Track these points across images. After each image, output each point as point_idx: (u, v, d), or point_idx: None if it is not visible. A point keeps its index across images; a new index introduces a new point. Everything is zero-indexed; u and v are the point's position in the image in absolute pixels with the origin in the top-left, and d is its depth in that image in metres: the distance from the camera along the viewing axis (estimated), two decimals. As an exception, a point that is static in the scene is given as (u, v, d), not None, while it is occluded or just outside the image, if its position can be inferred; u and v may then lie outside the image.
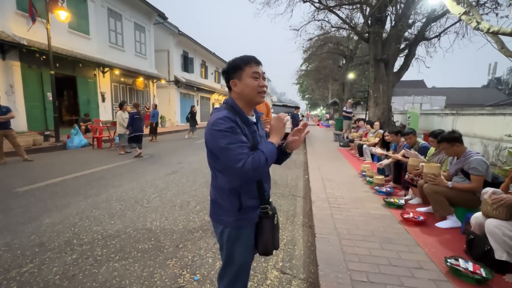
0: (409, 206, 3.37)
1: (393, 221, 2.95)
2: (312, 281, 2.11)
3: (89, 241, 2.53)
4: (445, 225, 2.75)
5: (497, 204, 1.94)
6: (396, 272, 1.98)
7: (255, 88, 1.20)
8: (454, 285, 1.82)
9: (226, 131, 1.10)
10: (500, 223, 1.94)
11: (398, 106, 17.57)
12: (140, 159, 6.70)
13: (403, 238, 2.55)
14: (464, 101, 24.92)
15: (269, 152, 1.13)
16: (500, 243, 1.91)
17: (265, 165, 1.10)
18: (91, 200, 3.64)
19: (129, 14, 14.00)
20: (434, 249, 2.32)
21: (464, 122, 7.16)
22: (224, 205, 1.24)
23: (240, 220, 1.23)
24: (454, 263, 1.96)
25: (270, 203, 1.30)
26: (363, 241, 2.47)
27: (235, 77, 1.21)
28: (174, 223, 3.02)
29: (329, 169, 5.60)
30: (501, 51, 4.10)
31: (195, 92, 21.50)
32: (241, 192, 1.21)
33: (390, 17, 10.02)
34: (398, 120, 11.37)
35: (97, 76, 12.07)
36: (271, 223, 1.27)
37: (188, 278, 2.06)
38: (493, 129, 5.91)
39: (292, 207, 3.73)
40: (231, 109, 1.21)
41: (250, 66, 1.20)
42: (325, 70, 21.75)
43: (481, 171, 2.57)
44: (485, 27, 3.72)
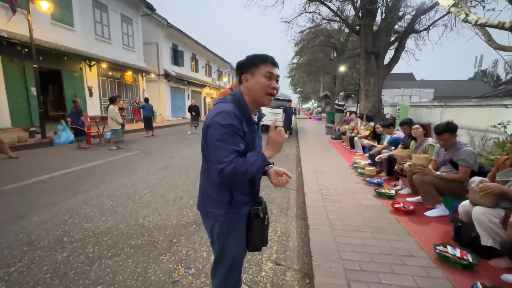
0: (400, 196, 3.44)
1: (384, 211, 3.01)
2: (306, 272, 2.14)
3: (80, 239, 2.49)
4: (434, 214, 2.83)
5: (484, 192, 2.00)
6: (388, 260, 2.03)
7: (265, 87, 1.17)
8: (443, 271, 1.88)
9: (225, 128, 1.09)
10: (486, 210, 2.01)
11: (388, 98, 17.80)
12: (132, 154, 6.59)
13: (394, 227, 2.61)
14: (451, 93, 25.51)
15: (251, 165, 1.10)
16: (486, 230, 1.97)
17: (243, 175, 1.09)
18: (81, 197, 3.56)
19: (115, 5, 13.53)
20: (424, 237, 2.39)
21: (451, 114, 7.33)
22: (215, 197, 1.22)
23: (231, 214, 1.23)
24: (443, 250, 2.02)
25: (262, 203, 1.30)
26: (355, 231, 2.52)
27: (249, 72, 1.19)
28: (167, 218, 2.99)
29: (322, 161, 5.65)
30: (488, 43, 4.17)
31: (186, 86, 21.15)
32: (233, 186, 1.20)
33: (380, 9, 10.04)
34: (389, 112, 11.54)
35: (83, 69, 11.69)
36: (261, 223, 1.28)
37: (183, 272, 2.05)
38: (479, 120, 6.07)
39: (285, 200, 3.76)
40: (237, 103, 1.19)
41: (266, 65, 1.17)
42: (317, 63, 21.75)
43: (470, 162, 2.64)
44: (474, 19, 3.78)
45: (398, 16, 10.05)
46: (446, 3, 4.10)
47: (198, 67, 23.99)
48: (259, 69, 1.17)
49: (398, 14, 9.93)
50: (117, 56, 13.39)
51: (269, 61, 1.19)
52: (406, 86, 25.04)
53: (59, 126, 8.44)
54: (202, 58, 24.87)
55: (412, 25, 9.81)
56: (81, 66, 11.59)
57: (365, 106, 10.08)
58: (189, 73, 21.56)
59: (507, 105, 5.31)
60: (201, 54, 24.28)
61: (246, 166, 1.08)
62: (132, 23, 15.06)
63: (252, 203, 1.27)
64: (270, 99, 1.20)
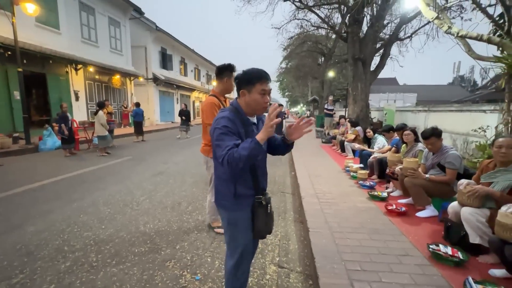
0: (391, 198, 3.61)
1: (378, 212, 3.16)
2: (308, 273, 2.22)
3: (81, 248, 2.46)
4: (424, 214, 3.00)
5: (470, 194, 2.17)
6: (386, 260, 2.15)
7: (260, 104, 1.39)
8: (437, 268, 2.02)
9: (221, 129, 1.31)
10: (474, 210, 2.17)
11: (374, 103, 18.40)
12: (124, 160, 6.48)
13: (388, 228, 2.74)
14: (432, 98, 26.64)
15: (242, 149, 1.24)
16: (474, 229, 2.13)
17: (240, 161, 1.23)
18: (76, 204, 3.50)
19: (103, 8, 13.31)
20: (417, 236, 2.54)
21: (435, 118, 7.70)
22: (222, 191, 1.45)
23: (236, 205, 1.43)
24: (436, 249, 2.16)
25: (265, 194, 1.48)
26: (353, 233, 2.63)
27: (246, 88, 1.38)
28: (168, 224, 3.00)
29: (314, 165, 5.79)
30: (468, 53, 4.46)
31: (174, 90, 20.98)
32: (237, 181, 1.40)
33: (366, 18, 10.46)
34: (375, 116, 11.93)
35: (69, 73, 11.39)
36: (264, 211, 1.44)
37: (190, 278, 2.08)
38: (460, 125, 6.43)
39: (282, 204, 3.84)
40: (234, 110, 1.41)
41: (261, 83, 1.36)
42: (305, 68, 22.20)
43: (456, 165, 2.83)
44: (455, 31, 4.05)
45: (383, 25, 10.51)
46: (430, 15, 4.38)
47: (187, 71, 23.87)
48: (254, 87, 1.36)
49: (383, 23, 10.38)
50: (105, 59, 13.14)
51: (263, 78, 1.36)
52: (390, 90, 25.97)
53: (45, 131, 8.18)
54: (191, 62, 24.77)
55: (396, 33, 10.27)
56: (67, 69, 11.29)
57: (353, 110, 10.40)
58: (178, 77, 21.41)
59: (485, 110, 5.67)
60: (190, 58, 24.19)
61: (238, 152, 1.24)
62: (120, 26, 14.85)
63: (255, 192, 1.44)
64: (265, 110, 1.43)
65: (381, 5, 9.49)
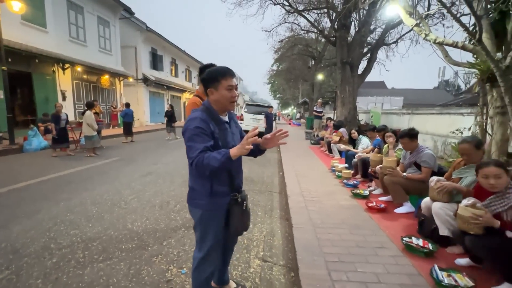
0: (373, 196, 3.78)
1: (360, 209, 3.31)
2: (291, 266, 2.33)
3: (68, 245, 2.48)
4: (402, 211, 3.17)
5: (440, 190, 2.34)
6: (363, 252, 2.29)
7: (228, 99, 1.43)
8: (409, 259, 2.17)
9: (193, 130, 1.34)
10: (443, 205, 2.34)
11: (363, 105, 18.88)
12: (112, 160, 6.45)
13: (368, 223, 2.89)
14: (418, 101, 27.49)
15: (212, 159, 1.26)
16: (443, 222, 2.30)
17: (207, 169, 1.27)
18: (63, 204, 3.49)
19: (91, 7, 13.15)
20: (393, 231, 2.69)
21: (418, 121, 8.03)
22: (198, 190, 1.45)
23: (212, 204, 1.44)
24: (408, 241, 2.31)
25: (241, 192, 1.53)
26: (335, 228, 2.77)
27: (212, 87, 1.42)
28: (156, 222, 3.05)
29: (302, 165, 5.94)
30: (445, 60, 4.71)
31: (165, 90, 20.84)
32: (213, 179, 1.42)
33: (354, 23, 10.77)
34: (363, 119, 12.25)
35: (56, 72, 11.17)
36: (240, 209, 1.49)
37: (176, 272, 2.15)
38: (441, 127, 6.74)
39: (269, 202, 3.95)
40: (206, 110, 1.44)
41: (226, 79, 1.40)
42: (295, 71, 22.51)
43: (430, 164, 3.02)
44: (432, 38, 4.28)
45: (370, 30, 10.85)
46: (410, 23, 4.59)
47: (178, 71, 23.76)
48: (220, 84, 1.40)
49: (370, 28, 10.72)
50: (93, 59, 12.96)
51: (227, 74, 1.41)
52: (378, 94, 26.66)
53: (30, 131, 8.01)
54: (182, 63, 24.67)
55: (382, 39, 10.62)
56: (54, 68, 11.08)
57: (342, 112, 10.67)
58: (168, 78, 21.29)
59: (463, 113, 5.97)
60: (181, 59, 24.09)
61: (208, 160, 1.27)
62: (110, 26, 14.69)
63: (230, 190, 1.48)
64: (234, 105, 1.47)
65: (367, 11, 9.81)
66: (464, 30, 3.72)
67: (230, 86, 1.41)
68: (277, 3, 11.25)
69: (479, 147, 2.34)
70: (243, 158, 1.59)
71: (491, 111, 4.03)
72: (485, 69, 3.88)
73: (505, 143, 3.87)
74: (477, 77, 4.19)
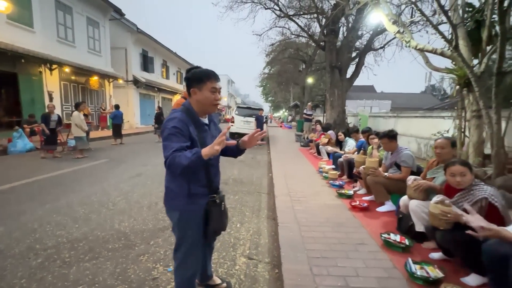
0: (357, 196, 3.90)
1: (344, 208, 3.42)
2: (275, 264, 2.40)
3: (54, 245, 2.48)
4: (384, 209, 3.30)
5: (416, 188, 2.47)
6: (344, 248, 2.39)
7: (211, 101, 1.43)
8: (387, 254, 2.28)
9: (170, 130, 1.32)
10: (419, 203, 2.47)
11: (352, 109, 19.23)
12: (101, 162, 6.38)
13: (350, 221, 3.00)
14: (406, 105, 28.20)
15: (187, 159, 1.25)
16: (419, 219, 2.43)
17: (178, 168, 1.26)
18: (49, 206, 3.46)
19: (81, 7, 13.00)
20: (374, 228, 2.81)
21: (403, 124, 8.29)
22: (175, 191, 1.43)
23: (190, 205, 1.43)
24: (387, 237, 2.43)
25: (219, 193, 1.53)
26: (319, 226, 2.86)
27: (196, 87, 1.42)
28: (144, 223, 3.08)
29: (291, 167, 6.05)
30: (426, 65, 4.94)
31: (155, 92, 20.70)
32: (191, 180, 1.42)
33: (342, 28, 11.07)
34: (352, 122, 12.52)
35: (43, 73, 10.97)
36: (218, 209, 1.50)
37: (162, 270, 2.19)
38: (424, 130, 6.99)
39: (257, 203, 4.02)
40: (186, 110, 1.43)
41: (211, 81, 1.41)
42: (287, 74, 22.79)
43: (409, 163, 3.17)
44: (413, 45, 4.48)
45: (358, 36, 11.16)
46: (392, 30, 4.80)
47: (169, 74, 23.64)
48: (205, 85, 1.40)
49: (358, 34, 11.03)
50: (82, 60, 12.79)
51: (212, 77, 1.42)
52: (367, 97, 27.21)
53: (15, 133, 7.84)
54: (173, 65, 24.57)
55: (369, 44, 10.94)
56: (41, 69, 10.88)
57: (331, 115, 10.88)
58: (159, 80, 21.15)
59: (444, 117, 6.23)
60: (172, 61, 24.00)
61: (179, 158, 1.26)
62: (99, 27, 14.54)
63: (208, 191, 1.48)
64: (216, 108, 1.48)
65: (355, 17, 10.10)
66: (442, 37, 3.93)
67: (214, 88, 1.42)
68: (268, 8, 11.44)
69: (454, 146, 2.50)
70: (232, 160, 1.64)
71: (468, 115, 4.25)
72: (462, 74, 4.09)
73: (481, 145, 4.08)
74: (455, 82, 4.41)
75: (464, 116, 4.38)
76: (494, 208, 1.87)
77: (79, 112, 6.95)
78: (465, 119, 4.36)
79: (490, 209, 1.88)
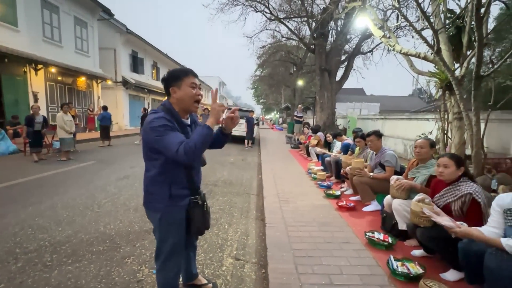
0: (344, 196, 3.97)
1: (331, 208, 3.48)
2: (262, 264, 2.41)
3: (35, 249, 2.42)
4: (369, 209, 3.37)
5: (398, 187, 2.54)
6: (329, 247, 2.43)
7: (192, 97, 1.40)
8: (370, 252, 2.33)
9: (160, 128, 1.28)
10: (401, 202, 2.54)
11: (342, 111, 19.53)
12: (87, 164, 6.25)
13: (337, 221, 3.05)
14: (394, 108, 28.84)
15: (199, 136, 1.26)
16: (402, 217, 2.50)
17: (196, 148, 1.25)
18: (32, 208, 3.37)
19: (68, 7, 12.74)
20: (359, 227, 2.86)
21: (390, 125, 8.49)
22: (156, 193, 1.40)
23: (171, 207, 1.41)
24: (371, 236, 2.49)
25: (200, 193, 1.51)
26: (305, 226, 2.90)
27: (175, 85, 1.39)
28: (130, 225, 3.03)
29: (281, 168, 6.09)
30: (410, 69, 5.09)
31: (146, 94, 20.43)
32: (172, 182, 1.39)
33: (332, 32, 11.26)
34: (341, 124, 12.72)
35: (28, 73, 10.67)
36: (201, 210, 1.48)
37: (147, 272, 2.16)
38: (410, 131, 7.18)
39: (246, 204, 4.02)
40: (167, 111, 1.38)
41: (189, 77, 1.39)
42: (278, 76, 22.99)
43: (392, 163, 3.25)
44: (398, 49, 4.62)
45: (346, 39, 11.38)
46: (378, 34, 4.94)
47: (159, 75, 23.38)
48: (183, 82, 1.38)
49: (346, 38, 11.24)
50: (69, 60, 12.50)
51: (190, 73, 1.40)
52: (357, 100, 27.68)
53: (-3, 135, 7.58)
54: (164, 66, 24.33)
55: (358, 48, 11.18)
56: (25, 69, 10.57)
57: (321, 117, 11.03)
58: (149, 81, 20.90)
59: (428, 119, 6.41)
60: (163, 62, 23.78)
61: (194, 140, 1.25)
62: (87, 27, 14.27)
63: (190, 192, 1.46)
64: (197, 106, 1.44)
65: (344, 21, 10.31)
66: (424, 42, 4.06)
67: (193, 83, 1.39)
68: (259, 11, 11.54)
69: (433, 146, 2.60)
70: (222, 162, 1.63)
71: (450, 117, 4.40)
72: (444, 78, 4.24)
73: (462, 145, 4.23)
74: (437, 85, 4.56)
75: (447, 118, 4.53)
76: (477, 204, 1.95)
77: (64, 113, 6.78)
78: (447, 121, 4.51)
79: (472, 205, 1.96)
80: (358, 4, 5.20)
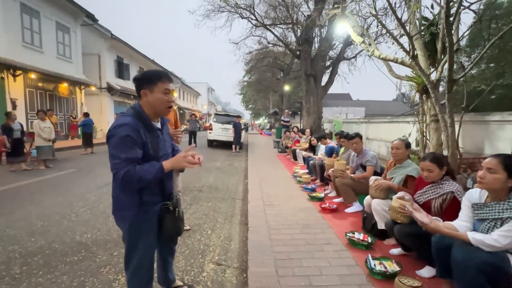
0: (328, 198, 4.01)
1: (314, 211, 3.50)
2: (244, 268, 2.38)
3: (4, 261, 2.29)
4: (352, 210, 3.42)
5: (377, 187, 2.60)
6: (310, 249, 2.43)
7: (164, 103, 1.36)
8: (350, 252, 2.35)
9: (122, 139, 1.23)
10: (380, 201, 2.59)
11: (329, 115, 19.89)
12: (67, 172, 6.03)
13: (319, 223, 3.07)
14: (379, 112, 29.66)
15: (146, 172, 1.23)
16: (381, 217, 2.54)
17: (137, 181, 1.22)
18: (3, 219, 3.20)
19: (49, 11, 12.45)
20: (341, 228, 2.89)
21: (373, 129, 8.70)
22: (125, 201, 1.34)
23: (141, 214, 1.35)
24: (351, 236, 2.51)
25: (172, 199, 1.46)
26: (288, 228, 2.90)
27: (147, 88, 1.33)
28: (108, 233, 2.93)
29: (267, 173, 6.09)
30: (389, 73, 5.27)
31: (132, 100, 20.09)
32: (143, 188, 1.32)
33: (316, 38, 11.53)
34: (327, 128, 12.93)
35: (5, 79, 10.28)
36: (172, 216, 1.43)
37: (124, 281, 2.09)
38: (392, 134, 7.37)
39: (231, 209, 3.99)
40: (137, 115, 1.32)
41: (163, 82, 1.34)
42: (266, 82, 23.20)
43: (373, 162, 3.34)
44: (377, 54, 4.78)
45: (330, 45, 11.67)
46: (357, 40, 5.09)
47: (146, 81, 23.09)
48: (156, 86, 1.32)
49: (330, 44, 11.53)
50: (50, 66, 12.15)
51: (165, 77, 1.34)
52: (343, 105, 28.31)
53: (-29, 143, 7.20)
54: (150, 72, 24.08)
55: (342, 54, 11.48)
56: (3, 75, 10.19)
57: (307, 122, 11.17)
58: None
59: (409, 121, 6.62)
60: (149, 68, 23.50)
61: (141, 173, 1.21)
62: (70, 32, 13.97)
63: (162, 198, 1.41)
64: (169, 110, 1.41)
65: (328, 27, 10.59)
66: (400, 47, 4.22)
67: (167, 89, 1.34)
68: (244, 17, 11.67)
69: (408, 147, 2.68)
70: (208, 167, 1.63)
71: (427, 119, 4.57)
72: (420, 82, 4.41)
73: (440, 147, 4.38)
74: (414, 89, 4.74)
75: (425, 120, 4.69)
76: (457, 202, 2.01)
77: (41, 120, 6.53)
78: (425, 123, 4.67)
79: (453, 203, 2.02)
80: (338, 12, 5.36)
